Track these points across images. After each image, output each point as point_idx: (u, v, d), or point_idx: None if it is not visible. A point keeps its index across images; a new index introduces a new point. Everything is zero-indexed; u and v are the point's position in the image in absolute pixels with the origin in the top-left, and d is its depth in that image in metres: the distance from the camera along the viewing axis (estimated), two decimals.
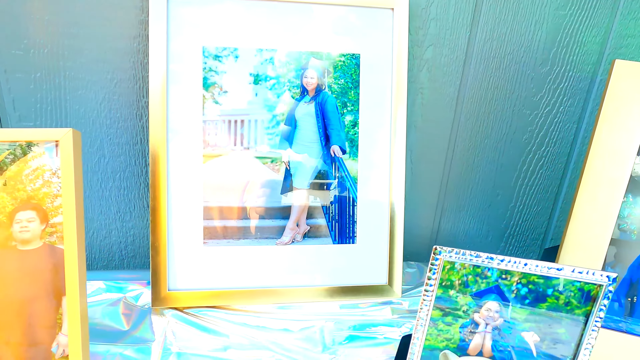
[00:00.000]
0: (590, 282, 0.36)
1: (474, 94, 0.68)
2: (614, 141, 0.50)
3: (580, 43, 0.67)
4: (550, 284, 0.37)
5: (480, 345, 0.39)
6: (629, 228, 0.51)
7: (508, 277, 0.37)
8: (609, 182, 0.51)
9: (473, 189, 0.74)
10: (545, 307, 0.37)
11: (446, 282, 0.37)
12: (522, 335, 0.38)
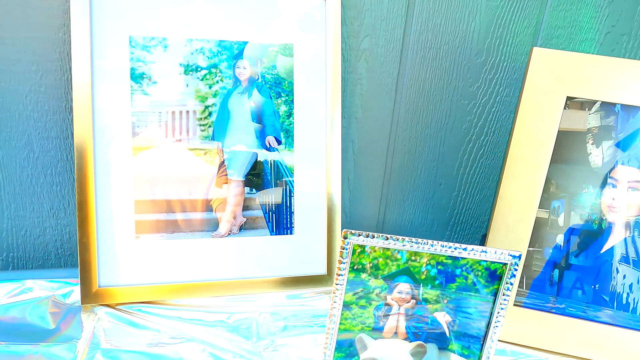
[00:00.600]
0: (495, 262, 0.37)
1: (412, 84, 0.69)
2: (534, 127, 0.52)
3: (513, 34, 0.69)
4: (458, 264, 0.38)
5: (395, 327, 0.39)
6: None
7: (417, 259, 0.37)
8: (530, 167, 0.52)
9: (416, 179, 0.75)
10: (455, 287, 0.38)
11: (357, 265, 0.38)
12: (435, 316, 0.39)
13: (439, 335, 0.40)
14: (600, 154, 0.51)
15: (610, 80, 0.50)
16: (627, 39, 0.73)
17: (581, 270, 0.54)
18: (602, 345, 0.54)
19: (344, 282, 0.38)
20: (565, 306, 0.55)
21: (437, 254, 0.37)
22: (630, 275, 0.53)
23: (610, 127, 0.51)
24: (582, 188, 0.52)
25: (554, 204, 0.53)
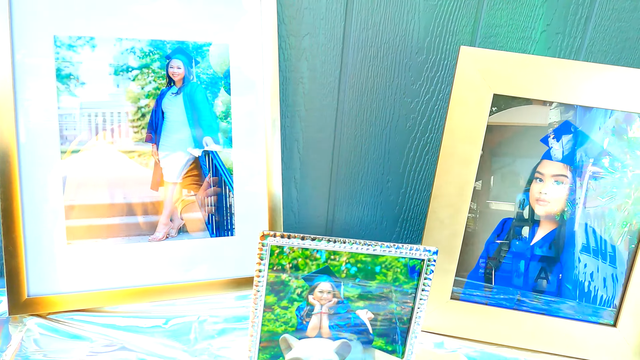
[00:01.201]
0: (414, 258, 0.38)
1: (354, 82, 0.69)
2: (464, 123, 0.53)
3: (452, 32, 0.70)
4: (377, 262, 0.38)
5: (318, 326, 0.39)
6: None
7: (336, 258, 0.38)
8: (461, 163, 0.54)
9: (363, 176, 0.76)
10: (375, 285, 0.39)
11: (277, 266, 0.38)
12: (357, 313, 0.39)
13: (363, 332, 0.40)
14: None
15: (534, 78, 0.51)
16: (561, 37, 0.75)
17: (513, 262, 0.56)
18: (533, 334, 0.56)
19: (264, 283, 0.37)
20: (499, 298, 0.57)
21: (355, 252, 0.37)
22: (559, 265, 0.55)
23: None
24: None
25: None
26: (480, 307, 0.57)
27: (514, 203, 0.55)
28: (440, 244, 0.55)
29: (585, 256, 0.55)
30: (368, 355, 0.40)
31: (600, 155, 0.53)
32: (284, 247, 0.37)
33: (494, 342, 0.57)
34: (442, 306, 0.57)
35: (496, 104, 0.52)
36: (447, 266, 0.56)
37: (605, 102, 0.51)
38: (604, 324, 0.56)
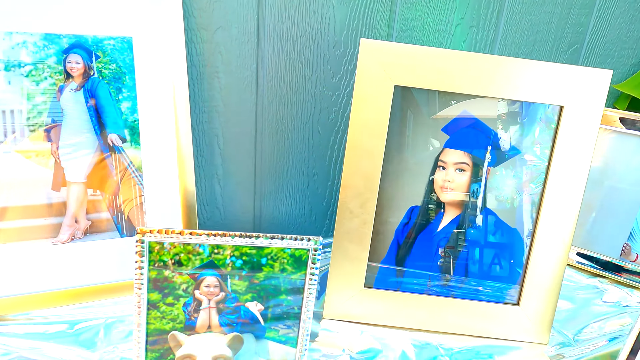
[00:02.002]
0: (299, 248, 0.38)
1: (272, 76, 0.69)
2: (368, 116, 0.54)
3: (368, 26, 0.71)
4: (263, 254, 0.38)
5: (207, 321, 0.39)
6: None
7: (220, 252, 0.37)
8: (367, 156, 0.54)
9: (288, 170, 0.76)
10: (262, 276, 0.39)
11: (158, 263, 0.37)
12: (246, 306, 0.39)
13: (254, 325, 0.40)
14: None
15: (435, 70, 0.53)
16: (475, 30, 0.78)
17: (422, 247, 0.58)
18: (443, 317, 0.58)
19: (145, 281, 0.37)
20: (410, 283, 0.58)
21: (239, 245, 0.37)
22: (465, 249, 0.58)
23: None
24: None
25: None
26: (393, 293, 0.58)
27: (420, 191, 0.56)
28: (351, 233, 0.56)
29: (489, 239, 0.57)
30: (261, 347, 0.40)
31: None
32: (164, 242, 0.36)
33: (407, 327, 0.58)
34: (356, 294, 0.58)
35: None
36: (359, 255, 0.57)
37: (504, 92, 0.54)
38: (509, 303, 0.59)
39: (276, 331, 0.40)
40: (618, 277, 0.74)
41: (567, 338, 0.61)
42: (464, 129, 0.55)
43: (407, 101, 0.55)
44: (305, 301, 0.39)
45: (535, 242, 0.56)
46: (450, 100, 0.54)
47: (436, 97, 0.54)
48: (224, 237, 0.37)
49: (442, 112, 0.55)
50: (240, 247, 0.37)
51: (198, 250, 0.37)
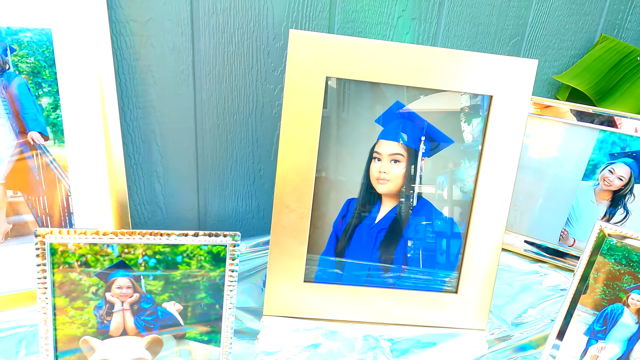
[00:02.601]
0: (217, 244, 0.37)
1: (210, 70, 0.67)
2: (300, 107, 0.53)
3: (309, 18, 0.70)
4: (178, 251, 0.37)
5: (122, 324, 0.37)
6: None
7: (131, 251, 0.36)
8: (301, 147, 0.54)
9: (233, 166, 0.74)
10: (179, 275, 0.37)
11: (63, 265, 0.35)
12: (164, 307, 0.38)
13: (174, 325, 0.39)
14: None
15: (365, 60, 0.52)
16: (418, 23, 0.79)
17: (360, 240, 0.57)
18: (384, 308, 0.58)
19: (49, 285, 0.35)
20: (350, 276, 0.58)
21: (151, 243, 0.36)
22: (403, 240, 0.58)
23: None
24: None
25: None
26: (333, 286, 0.58)
27: (357, 183, 0.56)
28: (289, 228, 0.55)
29: (426, 229, 0.58)
30: (183, 348, 0.39)
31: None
32: (68, 244, 0.34)
33: (348, 319, 0.58)
34: (296, 289, 0.57)
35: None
36: (297, 249, 0.56)
37: (433, 83, 0.54)
38: (447, 291, 0.59)
39: (198, 331, 0.39)
40: (557, 262, 0.76)
41: (505, 323, 0.62)
42: (398, 121, 0.55)
43: (343, 92, 0.54)
44: (226, 299, 0.38)
45: (470, 230, 0.57)
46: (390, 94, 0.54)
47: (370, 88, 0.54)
48: (133, 235, 0.35)
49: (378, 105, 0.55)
50: (152, 246, 0.36)
51: (106, 250, 0.35)
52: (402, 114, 0.55)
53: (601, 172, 0.72)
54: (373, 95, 0.55)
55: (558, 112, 0.74)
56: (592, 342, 0.50)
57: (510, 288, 0.70)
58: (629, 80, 0.91)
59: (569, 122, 0.74)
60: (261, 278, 0.66)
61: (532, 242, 0.78)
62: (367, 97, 0.55)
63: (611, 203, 0.72)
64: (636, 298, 0.48)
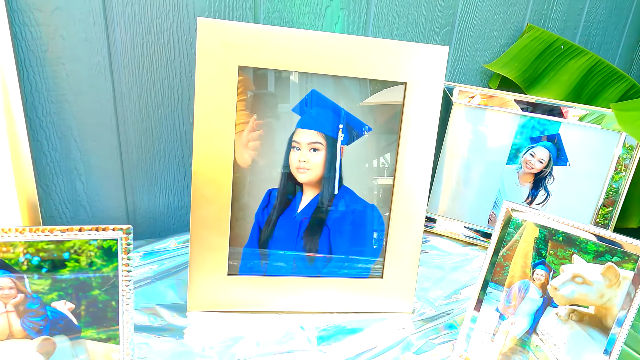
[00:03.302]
0: (107, 239, 0.36)
1: (129, 62, 0.65)
2: (213, 97, 0.52)
3: (232, 8, 0.69)
4: (64, 248, 0.35)
5: (7, 327, 0.36)
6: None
7: (10, 249, 0.34)
8: (217, 137, 0.53)
9: (161, 161, 0.72)
10: (68, 272, 0.36)
11: None
12: (54, 306, 0.36)
13: (66, 325, 0.37)
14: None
15: (278, 49, 0.52)
16: (346, 13, 0.79)
17: (284, 230, 0.57)
18: (311, 296, 0.58)
19: None
20: (275, 266, 0.58)
21: (32, 240, 0.34)
22: (326, 228, 0.58)
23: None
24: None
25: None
26: (259, 278, 0.57)
27: (277, 173, 0.56)
28: (208, 220, 0.55)
29: (349, 216, 0.58)
30: (79, 347, 0.37)
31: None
32: None
33: (275, 310, 0.58)
34: (220, 283, 0.56)
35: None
36: (219, 242, 0.55)
37: (348, 70, 0.54)
38: (373, 276, 0.60)
39: (94, 329, 0.38)
40: (487, 244, 0.79)
41: (432, 305, 0.64)
42: (315, 109, 0.55)
43: (259, 81, 0.54)
44: (122, 295, 0.37)
45: (392, 216, 0.58)
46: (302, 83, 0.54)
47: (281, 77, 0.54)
48: (9, 233, 0.33)
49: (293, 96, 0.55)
50: (34, 243, 0.34)
51: None
52: (319, 102, 0.55)
53: (523, 155, 0.75)
54: (290, 83, 0.54)
55: (502, 101, 0.76)
56: (504, 317, 0.52)
57: (441, 271, 0.72)
58: (554, 68, 0.95)
59: (495, 109, 0.76)
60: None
61: (469, 227, 0.80)
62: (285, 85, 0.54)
63: (533, 185, 0.75)
64: (540, 273, 0.50)
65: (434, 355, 0.54)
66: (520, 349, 0.51)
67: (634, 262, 0.46)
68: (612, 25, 1.11)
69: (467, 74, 0.96)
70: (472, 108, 0.78)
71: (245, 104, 0.54)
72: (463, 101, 0.78)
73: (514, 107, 0.75)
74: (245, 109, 0.53)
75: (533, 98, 0.74)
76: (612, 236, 0.47)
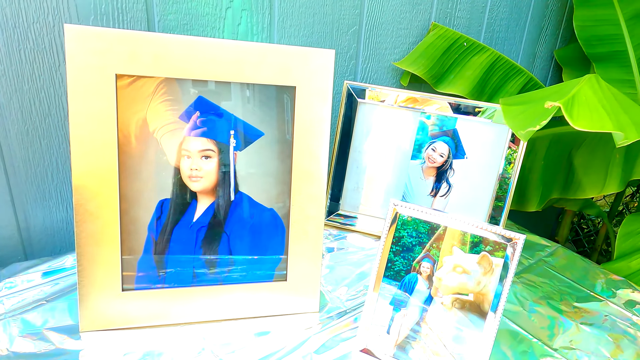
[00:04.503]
0: None
1: (5, 69, 0.61)
2: (90, 107, 0.49)
3: (121, 10, 0.66)
4: None
5: None
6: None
7: None
8: (97, 149, 0.50)
9: (54, 174, 0.68)
10: None
11: None
12: None
13: None
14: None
15: (156, 55, 0.50)
16: (249, 14, 0.78)
17: (180, 240, 0.56)
18: (214, 305, 0.58)
19: None
20: (174, 278, 0.57)
21: None
22: (225, 235, 0.58)
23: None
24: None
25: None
26: (157, 291, 0.56)
27: (168, 183, 0.54)
28: (96, 236, 0.52)
29: (248, 222, 0.58)
30: None
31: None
32: None
33: (176, 322, 0.57)
34: (115, 299, 0.54)
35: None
36: (110, 257, 0.53)
37: (232, 76, 0.53)
38: (278, 279, 0.60)
39: None
40: None
41: (341, 301, 0.65)
42: (204, 116, 0.54)
43: (143, 89, 0.52)
44: None
45: (291, 218, 0.59)
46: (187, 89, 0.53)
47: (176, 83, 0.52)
48: None
49: (184, 100, 0.53)
50: None
51: None
52: (207, 108, 0.54)
53: (425, 151, 0.79)
54: (178, 90, 0.53)
55: (407, 99, 0.78)
56: (397, 310, 0.54)
57: (351, 267, 0.73)
58: (459, 65, 1.00)
59: (398, 107, 0.79)
60: None
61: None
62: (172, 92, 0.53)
63: (436, 178, 0.79)
64: (426, 266, 0.53)
65: (338, 352, 0.56)
66: (412, 339, 0.53)
67: (503, 250, 0.50)
68: (513, 22, 1.19)
69: (379, 72, 0.99)
70: (377, 107, 0.80)
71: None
72: (368, 100, 0.80)
73: (417, 104, 0.78)
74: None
75: (434, 96, 0.77)
76: (483, 227, 0.50)
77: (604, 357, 0.59)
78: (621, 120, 0.58)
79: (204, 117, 0.54)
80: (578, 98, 0.58)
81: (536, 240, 0.87)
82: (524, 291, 0.71)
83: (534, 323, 0.64)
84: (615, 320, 0.66)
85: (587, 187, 0.94)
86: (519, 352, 0.58)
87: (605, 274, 0.78)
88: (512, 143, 0.74)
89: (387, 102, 0.79)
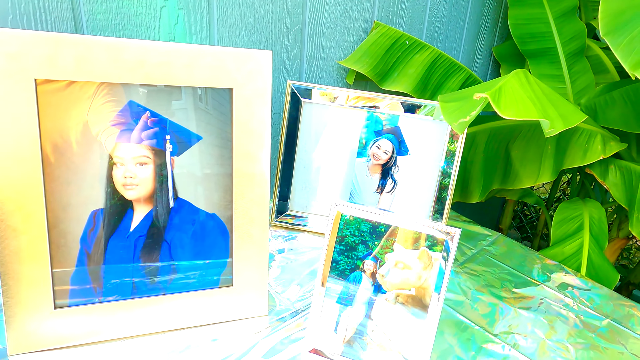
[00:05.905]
0: None
1: None
2: (5, 115, 0.46)
3: (45, 9, 0.62)
4: None
5: None
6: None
7: None
8: (18, 161, 0.47)
9: None
10: None
11: None
12: None
13: None
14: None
15: (79, 59, 0.47)
16: (186, 13, 0.76)
17: (117, 252, 0.53)
18: (156, 316, 0.56)
19: None
20: (112, 291, 0.54)
21: None
22: (166, 243, 0.56)
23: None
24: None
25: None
26: (94, 306, 0.53)
27: (100, 192, 0.52)
28: (21, 253, 0.49)
29: (189, 228, 0.56)
30: None
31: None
32: None
33: (116, 337, 0.54)
34: (46, 318, 0.51)
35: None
36: (38, 275, 0.50)
37: (162, 79, 0.52)
38: (224, 285, 0.59)
39: None
40: None
41: (290, 302, 0.65)
42: (136, 121, 0.52)
43: (83, 91, 0.49)
44: None
45: (234, 222, 0.58)
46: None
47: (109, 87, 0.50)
48: None
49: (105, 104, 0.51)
50: None
51: None
52: (139, 113, 0.52)
53: (370, 148, 0.80)
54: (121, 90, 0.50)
55: (351, 98, 0.79)
56: (343, 308, 0.55)
57: (301, 268, 0.73)
58: (402, 63, 1.02)
59: (342, 106, 0.80)
60: None
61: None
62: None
63: (382, 175, 0.81)
64: (369, 264, 0.54)
65: (287, 355, 0.55)
66: (360, 335, 0.54)
67: (441, 244, 0.51)
68: (453, 20, 1.23)
69: (324, 70, 0.99)
70: (322, 106, 0.80)
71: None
72: (312, 100, 0.80)
73: (360, 102, 0.79)
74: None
75: (375, 94, 0.78)
76: (422, 223, 0.52)
77: (539, 338, 0.62)
78: (548, 111, 0.62)
79: (137, 123, 0.52)
80: (505, 89, 0.61)
81: (479, 231, 0.91)
82: (467, 281, 0.74)
83: (476, 311, 0.67)
84: (550, 303, 0.70)
85: (524, 178, 0.99)
86: (463, 340, 0.61)
87: (541, 259, 0.82)
88: (452, 138, 0.77)
89: (338, 102, 0.79)
